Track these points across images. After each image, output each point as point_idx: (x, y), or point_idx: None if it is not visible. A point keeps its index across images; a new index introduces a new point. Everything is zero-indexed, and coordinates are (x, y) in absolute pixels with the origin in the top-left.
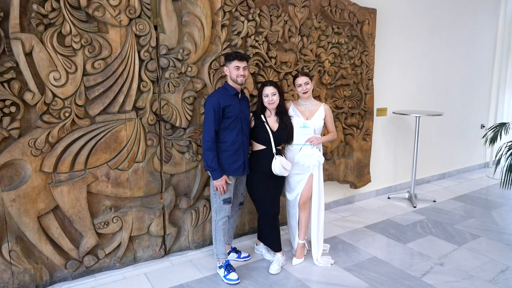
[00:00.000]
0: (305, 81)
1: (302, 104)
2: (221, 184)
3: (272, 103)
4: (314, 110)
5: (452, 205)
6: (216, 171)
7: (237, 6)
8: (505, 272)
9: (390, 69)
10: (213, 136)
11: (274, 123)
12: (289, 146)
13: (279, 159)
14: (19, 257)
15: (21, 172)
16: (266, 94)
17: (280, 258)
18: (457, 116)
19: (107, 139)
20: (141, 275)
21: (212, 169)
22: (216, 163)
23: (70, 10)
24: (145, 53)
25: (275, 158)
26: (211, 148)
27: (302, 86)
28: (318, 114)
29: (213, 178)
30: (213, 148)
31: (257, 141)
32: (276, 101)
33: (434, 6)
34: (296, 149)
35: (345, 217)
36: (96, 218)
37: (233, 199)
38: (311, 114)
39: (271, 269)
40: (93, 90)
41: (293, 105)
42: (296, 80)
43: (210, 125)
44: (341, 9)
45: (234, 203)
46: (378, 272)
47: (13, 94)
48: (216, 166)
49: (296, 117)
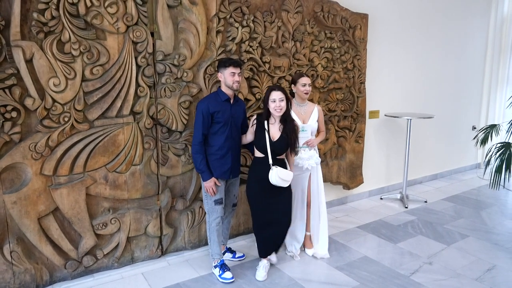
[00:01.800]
0: (308, 82)
1: (298, 106)
2: (211, 185)
3: (280, 109)
4: (309, 111)
5: (443, 206)
6: (204, 173)
7: (231, 13)
8: (491, 271)
9: (382, 72)
10: (201, 140)
11: (276, 131)
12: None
13: (275, 171)
14: (20, 258)
15: (22, 175)
16: (273, 99)
17: (266, 263)
18: (449, 117)
19: (105, 143)
20: (138, 275)
21: (201, 171)
22: (205, 165)
23: (69, 18)
24: (142, 59)
25: (272, 170)
26: (198, 151)
27: (306, 86)
28: (313, 116)
29: (203, 179)
30: (201, 151)
31: (257, 147)
32: (283, 108)
33: (425, 9)
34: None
35: (338, 217)
36: (95, 220)
37: (226, 200)
38: (307, 115)
39: (257, 275)
40: (92, 96)
41: None
42: (301, 79)
43: (199, 129)
44: (333, 14)
45: (227, 205)
46: (369, 271)
47: (14, 100)
48: (204, 168)
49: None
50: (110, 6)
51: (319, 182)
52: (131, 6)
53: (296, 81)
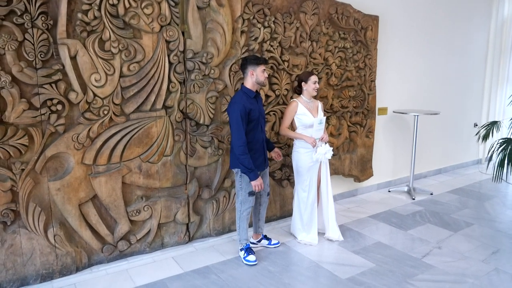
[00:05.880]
0: (317, 80)
1: (307, 102)
2: (260, 183)
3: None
4: (316, 106)
5: (448, 197)
6: (253, 172)
7: (254, 14)
8: (495, 254)
9: (390, 71)
10: (245, 140)
11: None
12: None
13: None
14: (62, 241)
15: (64, 164)
16: (315, 81)
17: None
18: (452, 115)
19: (140, 135)
20: (169, 259)
21: (250, 170)
22: (252, 164)
23: (109, 18)
24: (174, 57)
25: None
26: (245, 151)
27: (316, 83)
28: (320, 111)
29: (251, 179)
30: (247, 151)
31: None
32: None
33: (431, 12)
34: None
35: (349, 208)
36: (129, 207)
37: (261, 190)
38: (315, 111)
39: None
40: (128, 90)
41: (300, 104)
42: (312, 77)
43: (240, 130)
44: (347, 16)
45: (262, 195)
46: (383, 254)
47: (59, 94)
48: (253, 167)
49: (307, 115)
50: (146, 7)
51: (328, 172)
52: (165, 7)
53: (307, 79)
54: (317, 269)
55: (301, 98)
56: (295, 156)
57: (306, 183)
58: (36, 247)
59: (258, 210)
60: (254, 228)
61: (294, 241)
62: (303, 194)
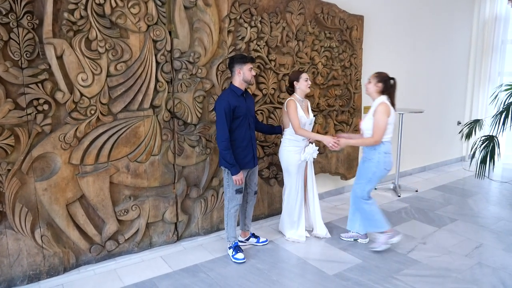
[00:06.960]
0: (308, 77)
1: (301, 101)
2: (241, 177)
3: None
4: (306, 106)
5: (433, 194)
6: (234, 167)
7: (241, 14)
8: (478, 248)
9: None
10: (228, 136)
11: None
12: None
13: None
14: (50, 242)
15: (51, 164)
16: (306, 78)
17: None
18: (436, 113)
19: (127, 134)
20: (157, 258)
21: (231, 165)
22: (234, 159)
23: (96, 17)
24: (161, 57)
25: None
26: (228, 146)
27: (308, 80)
28: (310, 110)
29: (232, 173)
30: (230, 147)
31: None
32: None
33: (415, 12)
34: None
35: (336, 205)
36: (117, 206)
37: (248, 189)
38: (306, 109)
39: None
40: (116, 90)
41: (297, 102)
42: (303, 75)
43: (224, 126)
44: (332, 16)
45: (250, 193)
46: (370, 250)
47: (45, 94)
48: (235, 162)
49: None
50: (133, 7)
51: (312, 171)
52: (151, 7)
53: (299, 78)
54: (304, 266)
55: (295, 97)
56: (286, 155)
57: (296, 181)
58: (23, 248)
59: (244, 208)
60: (241, 225)
61: (282, 238)
62: (293, 192)
